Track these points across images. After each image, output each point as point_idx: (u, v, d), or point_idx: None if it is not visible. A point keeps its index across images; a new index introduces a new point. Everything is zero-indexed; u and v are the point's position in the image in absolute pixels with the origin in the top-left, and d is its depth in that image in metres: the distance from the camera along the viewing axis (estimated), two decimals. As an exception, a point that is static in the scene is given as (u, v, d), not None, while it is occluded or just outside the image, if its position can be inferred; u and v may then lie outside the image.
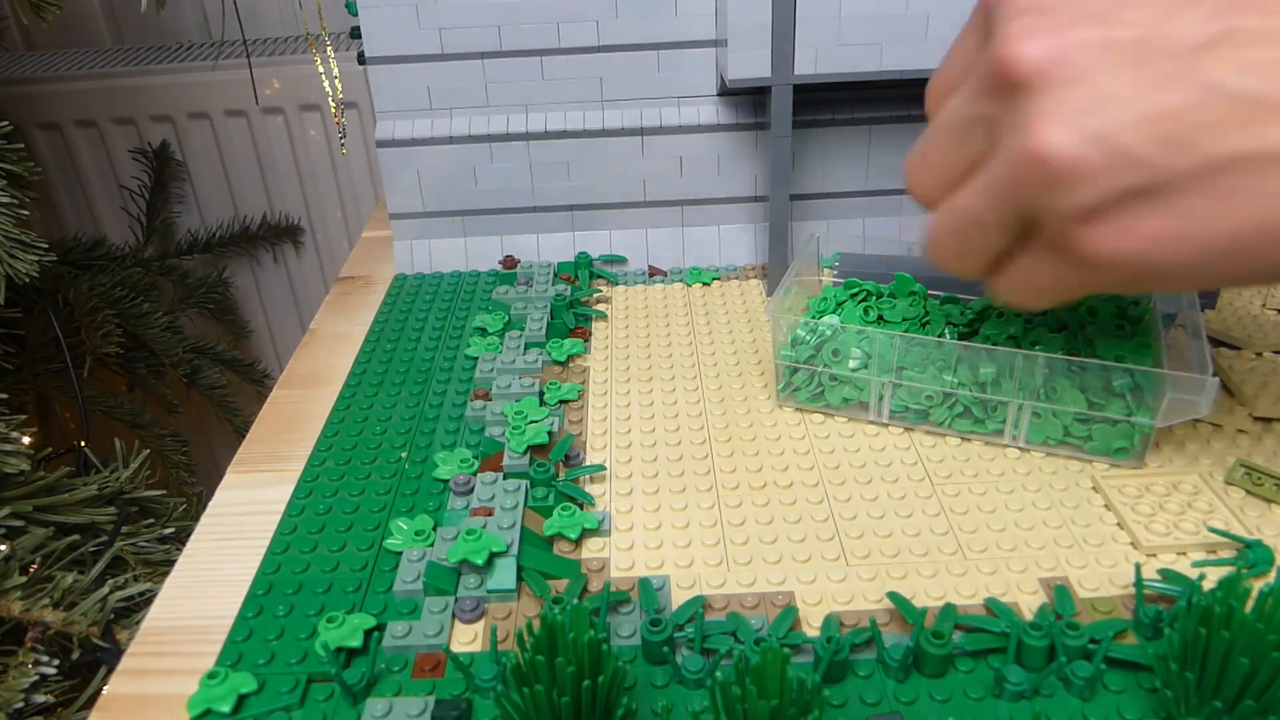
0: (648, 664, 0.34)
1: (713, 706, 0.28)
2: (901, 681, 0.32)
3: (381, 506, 0.43)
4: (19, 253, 0.65)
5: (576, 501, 0.41)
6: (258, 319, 1.21)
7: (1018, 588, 0.36)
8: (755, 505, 0.41)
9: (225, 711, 0.32)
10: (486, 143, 0.62)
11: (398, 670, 0.34)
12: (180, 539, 0.67)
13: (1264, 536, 0.38)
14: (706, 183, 0.63)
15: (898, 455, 0.44)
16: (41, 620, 0.57)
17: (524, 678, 0.28)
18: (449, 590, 0.37)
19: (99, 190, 1.11)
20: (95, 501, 0.65)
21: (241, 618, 0.37)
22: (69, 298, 0.89)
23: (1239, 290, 0.57)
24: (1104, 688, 0.32)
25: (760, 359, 0.53)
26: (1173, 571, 0.36)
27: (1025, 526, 0.39)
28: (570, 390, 0.50)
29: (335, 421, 0.49)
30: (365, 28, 0.58)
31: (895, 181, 0.63)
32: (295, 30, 1.14)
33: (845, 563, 0.38)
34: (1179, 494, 0.40)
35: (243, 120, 1.07)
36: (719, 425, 0.47)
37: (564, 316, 0.57)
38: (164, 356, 0.97)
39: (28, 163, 0.67)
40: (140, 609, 0.60)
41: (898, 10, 0.52)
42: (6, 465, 0.61)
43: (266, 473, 0.46)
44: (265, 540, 0.41)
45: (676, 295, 0.61)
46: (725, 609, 0.36)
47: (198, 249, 1.11)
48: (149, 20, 1.14)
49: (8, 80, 1.05)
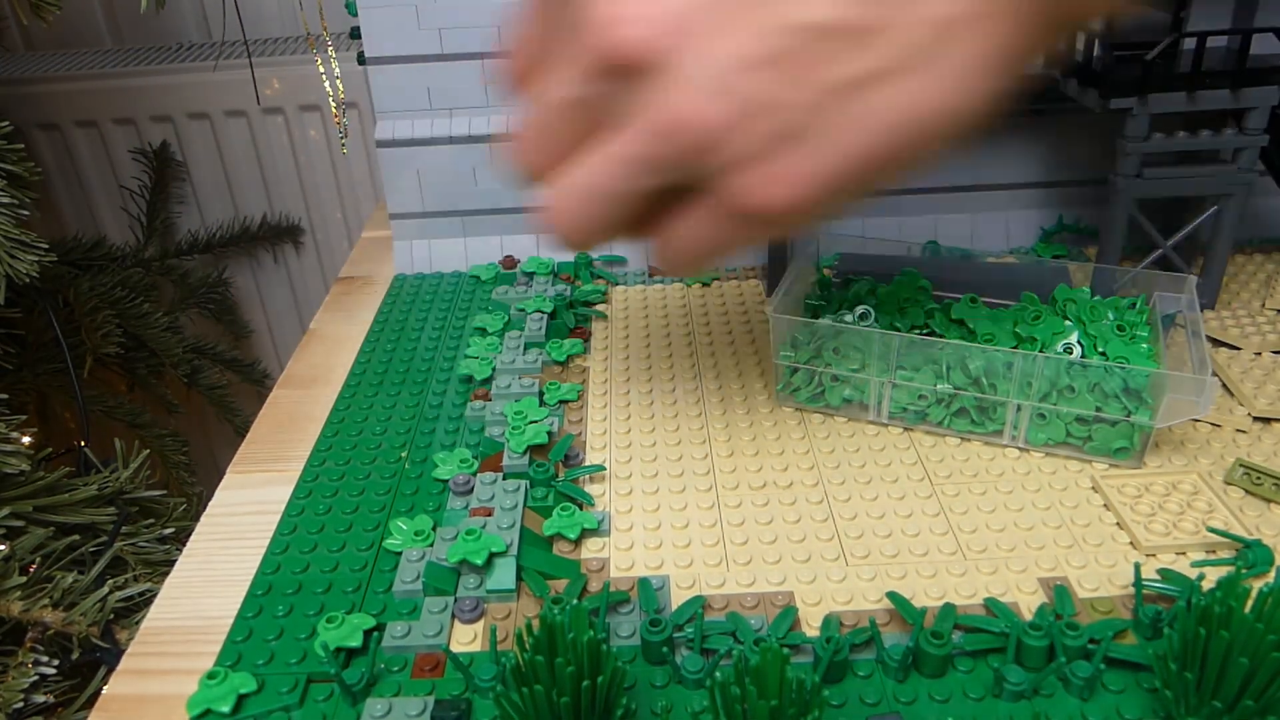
0: (647, 664, 0.34)
1: (712, 707, 0.28)
2: (901, 681, 0.32)
3: (381, 507, 0.43)
4: (19, 253, 0.65)
5: (576, 501, 0.41)
6: (258, 319, 1.20)
7: (1017, 588, 0.36)
8: (755, 505, 0.41)
9: (225, 711, 0.32)
10: (486, 143, 0.62)
11: (397, 670, 0.34)
12: (180, 539, 0.67)
13: (1263, 536, 0.38)
14: (706, 183, 0.63)
15: (897, 455, 0.44)
16: (41, 620, 0.57)
17: (523, 678, 0.28)
18: (448, 590, 0.37)
19: (99, 190, 1.11)
20: (95, 502, 0.65)
21: (241, 618, 0.37)
22: (69, 298, 0.89)
23: (1239, 290, 0.57)
24: (1103, 687, 0.32)
25: (760, 359, 0.53)
26: (1172, 571, 0.36)
27: (1025, 526, 0.39)
28: (570, 390, 0.50)
29: (335, 422, 0.49)
30: (365, 28, 0.58)
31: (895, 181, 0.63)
32: (295, 30, 1.14)
33: (845, 563, 0.38)
34: (1178, 494, 0.40)
35: (243, 120, 1.07)
36: (719, 425, 0.47)
37: (564, 316, 0.57)
38: (164, 356, 0.97)
39: (28, 163, 0.67)
40: (140, 609, 0.60)
41: (897, 10, 0.52)
42: (6, 465, 0.61)
43: (266, 473, 0.46)
44: (265, 540, 0.41)
45: (676, 295, 0.61)
46: (725, 609, 0.36)
47: (198, 249, 1.11)
48: (149, 20, 1.14)
49: (8, 80, 1.05)
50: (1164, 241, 0.52)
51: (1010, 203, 0.64)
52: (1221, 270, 0.52)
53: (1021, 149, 0.63)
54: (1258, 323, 0.51)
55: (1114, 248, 0.51)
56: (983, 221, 0.64)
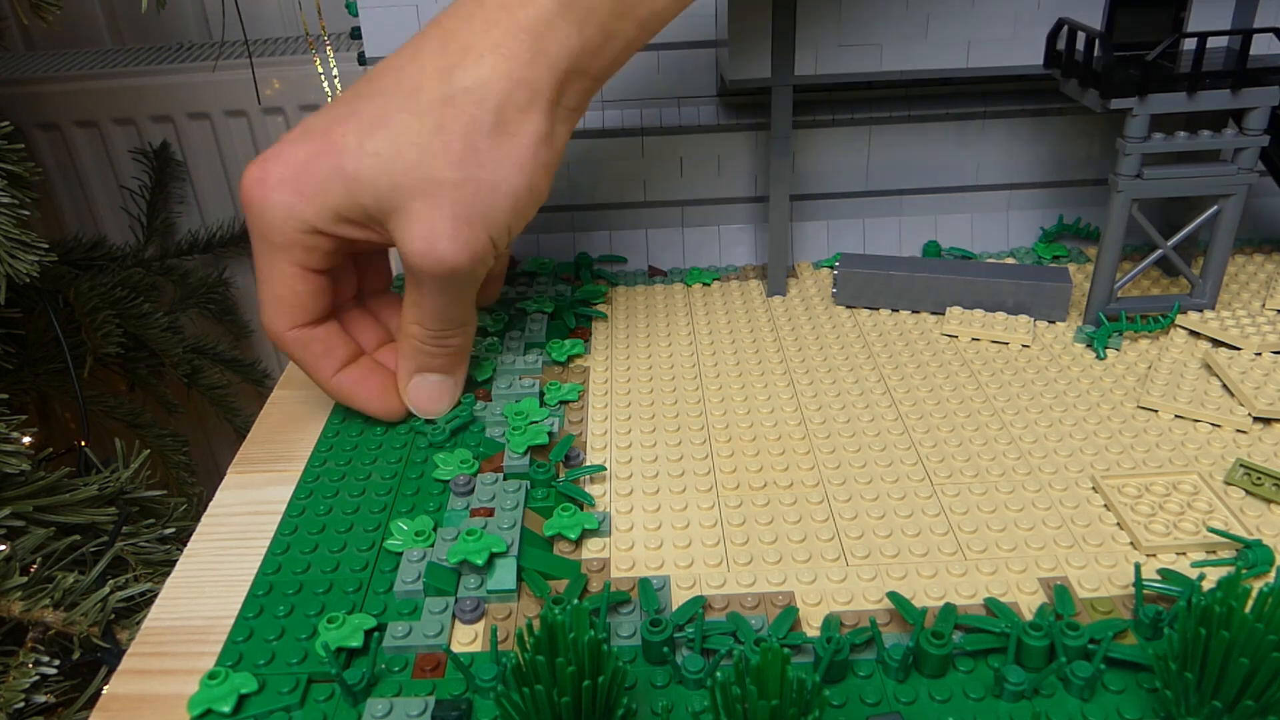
0: (648, 664, 0.34)
1: (713, 707, 0.28)
2: (901, 681, 0.32)
3: (382, 507, 0.43)
4: (19, 253, 0.65)
5: (576, 502, 0.42)
6: (258, 319, 1.20)
7: (1017, 588, 0.36)
8: (755, 505, 0.42)
9: (226, 712, 0.32)
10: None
11: (398, 670, 0.34)
12: (181, 539, 0.67)
13: (1263, 536, 0.38)
14: (706, 183, 0.63)
15: (898, 455, 0.44)
16: (42, 620, 0.57)
17: (524, 678, 0.28)
18: (449, 591, 0.37)
19: (99, 190, 1.11)
20: (96, 502, 0.65)
21: (242, 618, 0.37)
22: (69, 298, 0.89)
23: (1239, 290, 0.57)
24: (1104, 688, 0.32)
25: (760, 359, 0.53)
26: (1172, 571, 0.36)
27: (1025, 527, 0.39)
28: (570, 391, 0.50)
29: (336, 422, 0.49)
30: (365, 28, 0.58)
31: (895, 181, 0.63)
32: (295, 30, 1.14)
33: (845, 563, 0.38)
34: (1179, 494, 0.40)
35: (243, 120, 1.07)
36: (719, 425, 0.47)
37: (564, 316, 0.57)
38: (164, 356, 0.97)
39: (28, 163, 0.67)
40: (141, 609, 0.60)
41: (898, 10, 0.52)
42: (7, 465, 0.61)
43: (267, 473, 0.46)
44: (266, 541, 0.41)
45: (676, 295, 0.61)
46: (725, 609, 0.36)
47: (198, 249, 1.11)
48: (149, 20, 1.14)
49: (8, 80, 1.05)
50: (1164, 241, 0.52)
51: (1010, 203, 0.64)
52: (1221, 270, 0.52)
53: (1021, 149, 0.63)
54: (1258, 323, 0.51)
55: (1114, 248, 0.51)
56: (983, 221, 0.64)
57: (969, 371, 0.51)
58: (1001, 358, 0.52)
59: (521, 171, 0.41)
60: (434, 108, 0.40)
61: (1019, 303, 0.55)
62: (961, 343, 0.54)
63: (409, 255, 0.41)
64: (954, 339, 0.54)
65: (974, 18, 0.53)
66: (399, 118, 0.40)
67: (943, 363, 0.52)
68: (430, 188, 0.40)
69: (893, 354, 0.53)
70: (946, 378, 0.50)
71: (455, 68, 0.40)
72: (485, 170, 0.40)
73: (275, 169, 0.41)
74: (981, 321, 0.54)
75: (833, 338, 0.55)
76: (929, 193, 0.64)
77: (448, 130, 0.40)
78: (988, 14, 0.53)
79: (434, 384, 0.47)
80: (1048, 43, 0.53)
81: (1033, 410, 0.47)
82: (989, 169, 0.63)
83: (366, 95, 0.41)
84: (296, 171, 0.41)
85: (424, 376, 0.47)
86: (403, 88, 0.40)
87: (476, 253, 0.41)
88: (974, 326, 0.54)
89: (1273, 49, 0.49)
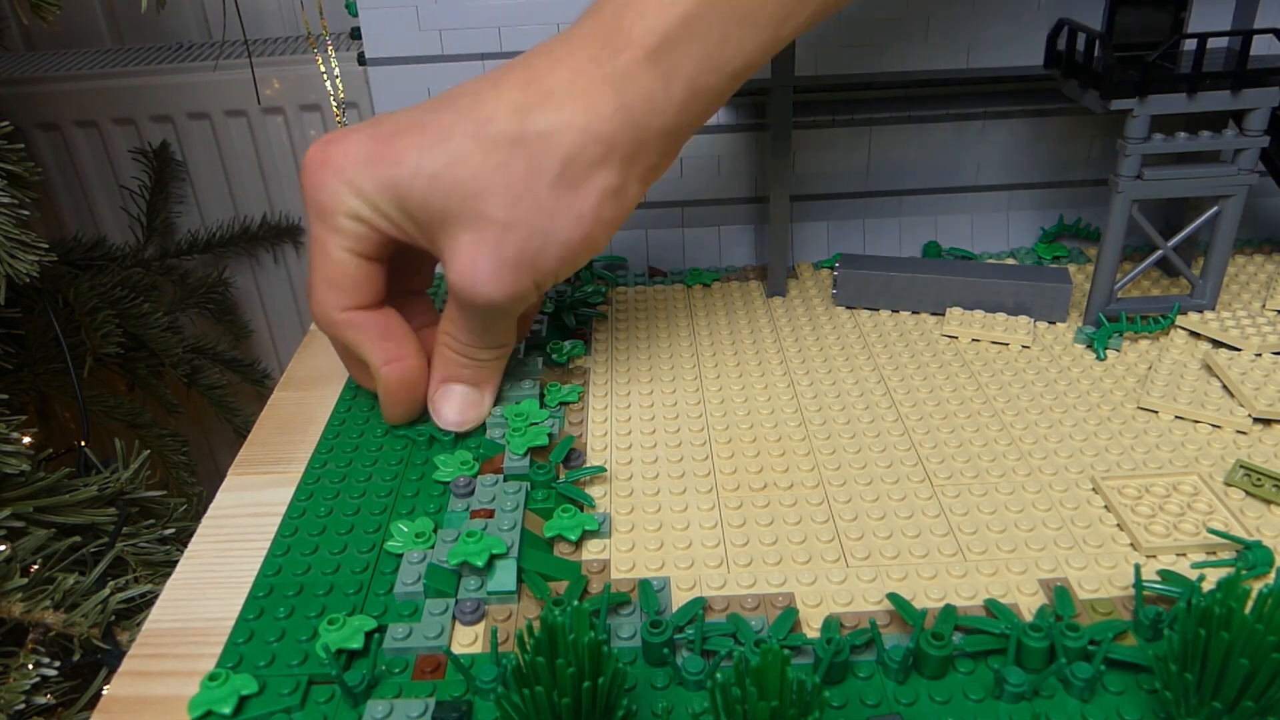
0: (648, 665, 0.34)
1: (713, 708, 0.28)
2: (901, 683, 0.32)
3: (382, 509, 0.43)
4: (19, 253, 0.65)
5: (577, 503, 0.42)
6: (258, 319, 1.20)
7: (1018, 589, 0.36)
8: (755, 506, 0.42)
9: (226, 713, 0.32)
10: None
11: (398, 672, 0.34)
12: (181, 540, 0.67)
13: (1263, 537, 0.38)
14: (706, 183, 0.63)
15: (898, 456, 0.44)
16: (42, 622, 0.57)
17: (524, 679, 0.28)
18: (449, 592, 0.37)
19: (99, 190, 1.11)
20: (96, 502, 0.65)
21: (242, 619, 0.37)
22: (69, 298, 0.89)
23: (1239, 291, 0.57)
24: (1104, 689, 0.32)
25: (760, 360, 0.53)
26: (1172, 573, 0.36)
27: (1025, 528, 0.39)
28: (570, 392, 0.50)
29: (336, 423, 0.49)
30: (365, 29, 0.58)
31: (895, 182, 0.63)
32: (296, 30, 1.14)
33: (845, 564, 0.38)
34: (1179, 495, 0.40)
35: (243, 120, 1.07)
36: (719, 426, 0.47)
37: (564, 317, 0.57)
38: (164, 356, 0.97)
39: (28, 163, 0.67)
40: (141, 610, 0.60)
41: (898, 10, 0.52)
42: (7, 466, 0.61)
43: (267, 475, 0.46)
44: (266, 542, 0.41)
45: (676, 296, 0.61)
46: (725, 610, 0.36)
47: (198, 249, 1.11)
48: (149, 20, 1.14)
49: (8, 80, 1.04)
50: (1164, 242, 0.52)
51: (1010, 203, 0.64)
52: (1222, 271, 0.52)
53: (1021, 149, 0.63)
54: (1258, 323, 0.51)
55: (1114, 248, 0.51)
56: (983, 222, 0.64)
57: (969, 372, 0.51)
58: (1002, 359, 0.52)
59: (580, 225, 0.40)
60: (501, 144, 0.39)
61: (1019, 303, 0.55)
62: (962, 343, 0.54)
63: (449, 279, 0.41)
64: (954, 340, 0.54)
65: (974, 18, 0.53)
66: (464, 142, 0.39)
67: (943, 364, 0.52)
68: (480, 224, 0.39)
69: (893, 355, 0.53)
70: (947, 379, 0.50)
71: (534, 109, 0.39)
72: (540, 218, 0.39)
73: (336, 154, 0.41)
74: (982, 322, 0.54)
75: (833, 339, 0.55)
76: (929, 193, 0.64)
77: (510, 170, 0.39)
78: (988, 14, 0.53)
79: (459, 395, 0.47)
80: (1048, 43, 0.53)
81: (1033, 411, 0.47)
82: (989, 169, 0.63)
83: (439, 110, 0.40)
84: (354, 166, 0.40)
85: (450, 386, 0.46)
86: (476, 114, 0.40)
87: (516, 294, 0.41)
88: (974, 327, 0.54)
89: (1273, 49, 0.49)
